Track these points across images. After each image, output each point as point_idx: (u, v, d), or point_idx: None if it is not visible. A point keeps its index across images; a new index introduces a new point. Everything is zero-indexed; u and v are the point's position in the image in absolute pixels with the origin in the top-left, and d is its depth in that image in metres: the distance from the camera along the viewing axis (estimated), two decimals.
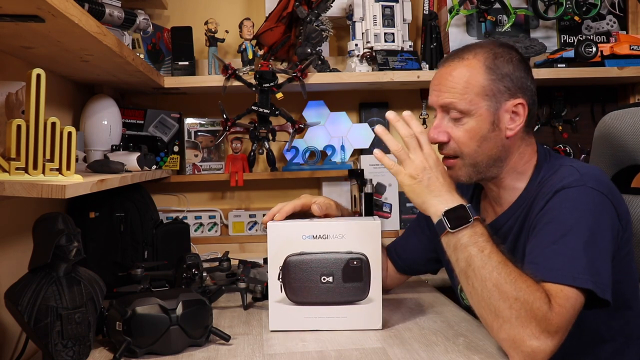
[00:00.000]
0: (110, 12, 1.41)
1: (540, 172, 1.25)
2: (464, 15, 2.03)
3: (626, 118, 1.44)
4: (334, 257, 1.25)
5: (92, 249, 1.60)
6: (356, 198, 2.14)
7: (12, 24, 0.98)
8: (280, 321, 1.26)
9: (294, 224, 1.27)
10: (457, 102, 1.20)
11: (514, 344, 1.01)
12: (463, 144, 1.21)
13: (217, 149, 2.12)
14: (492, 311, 1.04)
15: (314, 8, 1.91)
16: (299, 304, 1.26)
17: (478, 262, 1.06)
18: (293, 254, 1.25)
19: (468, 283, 1.08)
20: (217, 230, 2.14)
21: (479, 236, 1.09)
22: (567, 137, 2.19)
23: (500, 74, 1.21)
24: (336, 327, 1.25)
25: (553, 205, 1.14)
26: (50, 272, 1.06)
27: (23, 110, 1.06)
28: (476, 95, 1.20)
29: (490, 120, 1.20)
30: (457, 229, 1.10)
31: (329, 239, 1.25)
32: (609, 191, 1.15)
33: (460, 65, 1.22)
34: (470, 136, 1.21)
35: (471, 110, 1.20)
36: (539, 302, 1.01)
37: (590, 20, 2.10)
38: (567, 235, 1.08)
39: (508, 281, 1.03)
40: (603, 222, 1.11)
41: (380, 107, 2.22)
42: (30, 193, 0.94)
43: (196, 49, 2.05)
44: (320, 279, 1.25)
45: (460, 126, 1.21)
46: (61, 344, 1.05)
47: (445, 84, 1.22)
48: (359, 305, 1.25)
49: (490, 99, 1.20)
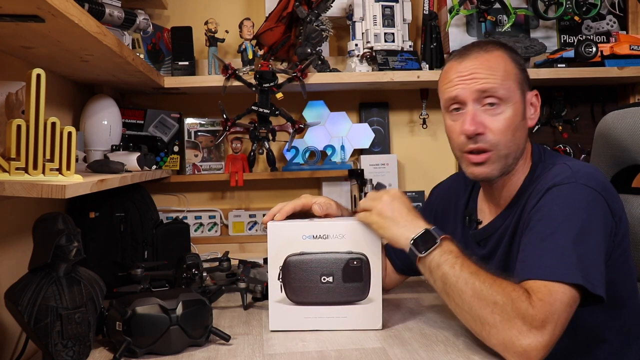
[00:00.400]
0: (110, 12, 1.41)
1: (535, 170, 1.25)
2: (464, 15, 2.03)
3: (626, 118, 1.44)
4: (334, 257, 1.25)
5: (92, 249, 1.60)
6: (356, 198, 2.14)
7: (12, 24, 0.98)
8: (280, 321, 1.26)
9: (294, 224, 1.27)
10: (498, 88, 1.19)
11: (505, 347, 1.02)
12: (501, 133, 1.19)
13: (217, 149, 2.12)
14: (477, 321, 1.05)
15: (314, 8, 1.91)
16: (299, 304, 1.26)
17: (452, 277, 1.08)
18: (293, 254, 1.25)
19: (450, 300, 1.10)
20: (217, 230, 2.14)
21: (448, 254, 1.10)
22: (567, 137, 2.19)
23: (522, 66, 1.25)
24: (336, 327, 1.25)
25: (544, 203, 1.14)
26: (50, 272, 1.06)
27: (23, 110, 1.06)
28: (513, 82, 1.21)
29: (522, 109, 1.22)
30: (426, 252, 1.12)
31: (329, 239, 1.25)
32: (602, 188, 1.15)
33: (493, 54, 1.22)
34: (507, 125, 1.19)
35: (509, 97, 1.20)
36: (518, 301, 1.02)
37: (590, 20, 2.10)
38: (556, 232, 1.08)
39: (483, 288, 1.04)
40: (594, 219, 1.11)
41: (380, 107, 2.22)
42: (30, 193, 0.94)
43: (196, 49, 2.05)
44: (320, 279, 1.25)
45: (498, 115, 1.19)
46: (61, 344, 1.05)
47: (482, 71, 1.20)
48: (359, 305, 1.25)
49: (521, 88, 1.22)
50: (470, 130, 1.19)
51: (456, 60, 1.26)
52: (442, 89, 1.28)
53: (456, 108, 1.24)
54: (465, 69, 1.22)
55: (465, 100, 1.21)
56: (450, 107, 1.25)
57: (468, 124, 1.19)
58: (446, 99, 1.26)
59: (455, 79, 1.23)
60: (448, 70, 1.27)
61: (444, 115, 1.30)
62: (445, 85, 1.26)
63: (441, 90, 1.28)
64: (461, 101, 1.22)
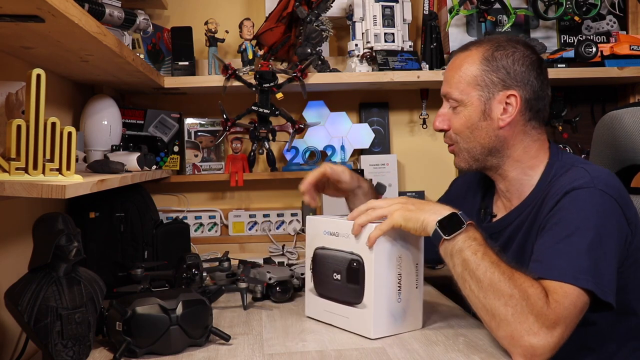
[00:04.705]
0: (110, 12, 1.41)
1: (552, 169, 1.26)
2: (464, 15, 2.03)
3: (626, 117, 1.44)
4: (342, 256, 1.25)
5: (92, 249, 1.60)
6: None
7: (12, 24, 0.98)
8: (311, 309, 1.34)
9: (319, 219, 1.33)
10: (452, 92, 1.29)
11: (512, 340, 1.02)
12: (458, 131, 1.29)
13: (217, 149, 2.12)
14: (489, 311, 1.05)
15: (314, 8, 1.91)
16: (320, 296, 1.31)
17: (472, 264, 1.08)
18: (318, 247, 1.30)
19: (465, 286, 1.10)
20: (217, 230, 2.14)
21: (472, 240, 1.10)
22: (567, 137, 2.19)
23: (496, 65, 1.25)
24: (341, 325, 1.26)
25: (562, 206, 1.15)
26: (50, 272, 1.06)
27: (23, 111, 1.06)
28: (467, 84, 1.27)
29: (481, 109, 1.26)
30: (451, 235, 1.11)
31: (339, 237, 1.26)
32: (618, 195, 1.16)
33: (460, 56, 1.30)
34: (463, 124, 1.28)
35: (463, 99, 1.27)
36: (535, 297, 1.02)
37: (590, 20, 2.10)
38: (572, 236, 1.09)
39: (502, 280, 1.04)
40: (610, 226, 1.12)
41: (380, 107, 2.22)
42: (30, 193, 0.94)
43: (196, 49, 2.05)
44: (333, 275, 1.27)
45: (458, 115, 1.29)
46: (61, 344, 1.05)
47: (445, 75, 1.32)
48: (356, 308, 1.22)
49: (482, 89, 1.26)
50: (435, 126, 1.34)
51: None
52: None
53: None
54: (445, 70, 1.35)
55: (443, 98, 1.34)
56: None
57: (435, 120, 1.34)
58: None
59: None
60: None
61: None
62: None
63: None
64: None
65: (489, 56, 1.26)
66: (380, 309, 1.19)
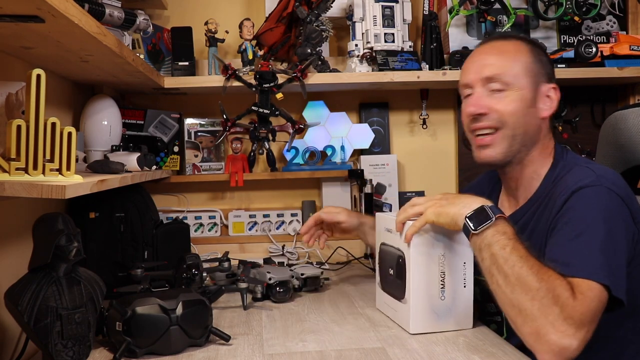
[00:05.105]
0: (110, 12, 1.41)
1: (556, 169, 1.28)
2: (464, 15, 2.03)
3: (631, 118, 1.45)
4: (393, 252, 1.29)
5: (92, 249, 1.60)
6: (356, 198, 2.14)
7: (12, 24, 0.98)
8: (379, 302, 1.40)
9: (381, 216, 1.38)
10: (504, 74, 1.26)
11: (538, 337, 1.00)
12: (507, 114, 1.26)
13: (217, 149, 2.12)
14: (515, 306, 1.04)
15: (314, 8, 1.91)
16: (383, 289, 1.37)
17: (500, 259, 1.07)
18: (382, 243, 1.35)
19: (492, 281, 1.09)
20: (217, 230, 2.14)
21: (501, 234, 1.09)
22: (567, 137, 2.19)
23: (539, 58, 1.31)
24: (394, 318, 1.31)
25: (571, 205, 1.15)
26: (50, 272, 1.06)
27: (23, 111, 1.06)
28: (521, 70, 1.27)
29: (531, 96, 1.27)
30: (479, 228, 1.11)
31: (392, 233, 1.29)
32: (625, 194, 1.17)
33: (507, 44, 1.31)
34: (515, 107, 1.26)
35: (515, 83, 1.26)
36: (561, 289, 1.01)
37: (590, 20, 2.09)
38: (584, 234, 1.10)
39: (530, 274, 1.03)
40: (618, 224, 1.12)
41: (380, 108, 2.22)
42: (30, 193, 0.94)
43: (196, 49, 2.05)
44: (388, 270, 1.31)
45: (503, 98, 1.27)
46: (61, 344, 1.05)
47: (491, 58, 1.29)
48: (401, 303, 1.26)
49: (532, 77, 1.28)
50: (471, 111, 1.28)
51: (475, 48, 1.36)
52: (460, 77, 1.36)
53: (468, 94, 1.32)
54: (479, 54, 1.32)
55: (473, 85, 1.30)
56: (464, 94, 1.33)
57: (470, 105, 1.29)
58: (460, 85, 1.35)
59: (468, 66, 1.33)
60: (466, 59, 1.35)
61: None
62: (461, 72, 1.35)
63: (460, 78, 1.36)
64: (471, 86, 1.31)
65: (533, 49, 1.30)
66: (419, 304, 1.22)
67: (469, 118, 1.30)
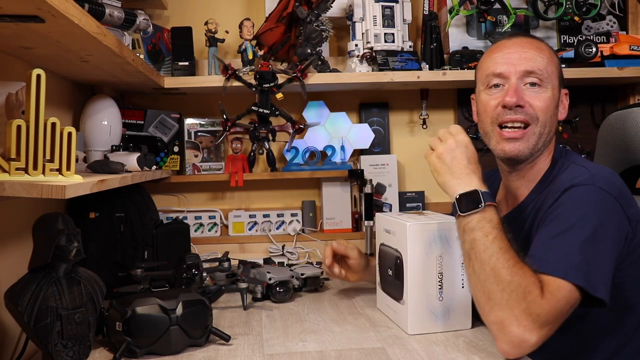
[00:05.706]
0: (110, 12, 1.41)
1: (554, 168, 1.29)
2: (464, 15, 2.03)
3: (630, 118, 1.45)
4: (391, 252, 1.29)
5: (92, 249, 1.60)
6: (356, 198, 2.14)
7: (12, 24, 0.98)
8: (380, 302, 1.40)
9: (380, 216, 1.38)
10: (544, 70, 1.25)
11: (501, 327, 1.03)
12: (541, 110, 1.25)
13: (217, 149, 2.12)
14: (485, 294, 1.06)
15: (314, 8, 1.91)
16: (383, 290, 1.37)
17: (480, 246, 1.09)
18: (381, 244, 1.35)
19: (469, 265, 1.11)
20: (217, 230, 2.14)
21: (487, 222, 1.11)
22: (567, 137, 2.19)
23: (560, 65, 1.33)
24: (393, 319, 1.31)
25: (560, 202, 1.16)
26: (50, 273, 1.06)
27: (23, 111, 1.06)
28: (554, 70, 1.29)
29: (557, 97, 1.29)
30: (466, 212, 1.12)
31: (391, 234, 1.30)
32: (618, 193, 1.16)
33: (540, 43, 1.30)
34: (547, 105, 1.25)
35: (550, 82, 1.27)
36: (531, 287, 1.03)
37: (590, 20, 2.10)
38: (567, 232, 1.10)
39: (505, 267, 1.05)
40: (608, 223, 1.12)
41: (380, 107, 2.22)
42: (30, 193, 0.94)
43: (196, 49, 2.05)
44: (387, 271, 1.31)
45: (539, 94, 1.26)
46: (61, 344, 1.05)
47: (530, 52, 1.27)
48: (400, 303, 1.26)
49: (559, 80, 1.30)
50: (512, 101, 1.23)
51: (506, 40, 1.32)
52: (484, 66, 1.32)
53: (496, 84, 1.28)
54: (512, 47, 1.28)
55: (509, 76, 1.26)
56: (490, 83, 1.29)
57: (510, 95, 1.24)
58: (488, 74, 1.30)
59: (502, 56, 1.28)
60: (494, 49, 1.32)
61: (478, 94, 1.34)
62: (489, 62, 1.30)
63: (483, 67, 1.32)
64: (505, 77, 1.27)
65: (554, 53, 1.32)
66: (417, 305, 1.22)
67: (501, 108, 1.25)
